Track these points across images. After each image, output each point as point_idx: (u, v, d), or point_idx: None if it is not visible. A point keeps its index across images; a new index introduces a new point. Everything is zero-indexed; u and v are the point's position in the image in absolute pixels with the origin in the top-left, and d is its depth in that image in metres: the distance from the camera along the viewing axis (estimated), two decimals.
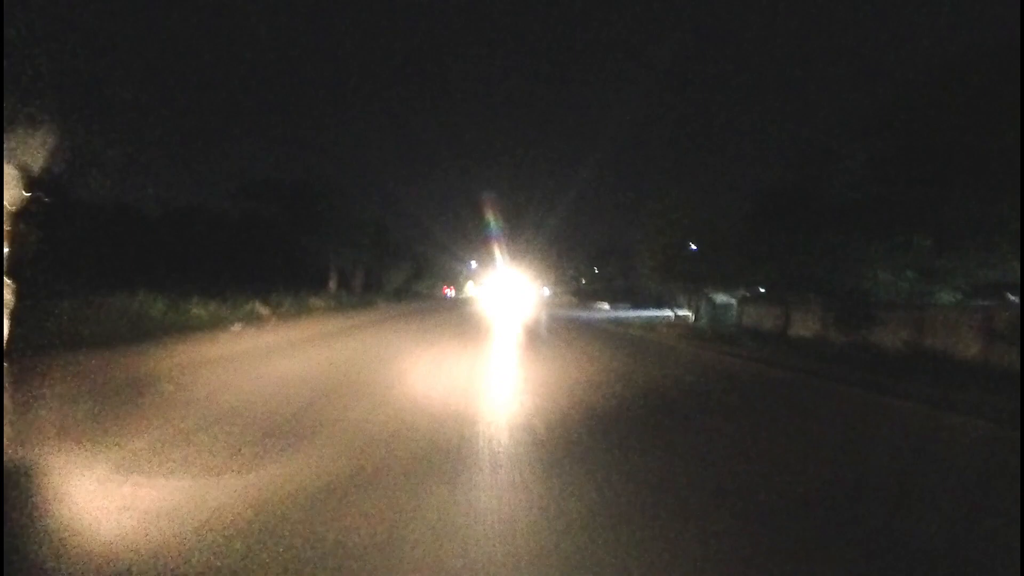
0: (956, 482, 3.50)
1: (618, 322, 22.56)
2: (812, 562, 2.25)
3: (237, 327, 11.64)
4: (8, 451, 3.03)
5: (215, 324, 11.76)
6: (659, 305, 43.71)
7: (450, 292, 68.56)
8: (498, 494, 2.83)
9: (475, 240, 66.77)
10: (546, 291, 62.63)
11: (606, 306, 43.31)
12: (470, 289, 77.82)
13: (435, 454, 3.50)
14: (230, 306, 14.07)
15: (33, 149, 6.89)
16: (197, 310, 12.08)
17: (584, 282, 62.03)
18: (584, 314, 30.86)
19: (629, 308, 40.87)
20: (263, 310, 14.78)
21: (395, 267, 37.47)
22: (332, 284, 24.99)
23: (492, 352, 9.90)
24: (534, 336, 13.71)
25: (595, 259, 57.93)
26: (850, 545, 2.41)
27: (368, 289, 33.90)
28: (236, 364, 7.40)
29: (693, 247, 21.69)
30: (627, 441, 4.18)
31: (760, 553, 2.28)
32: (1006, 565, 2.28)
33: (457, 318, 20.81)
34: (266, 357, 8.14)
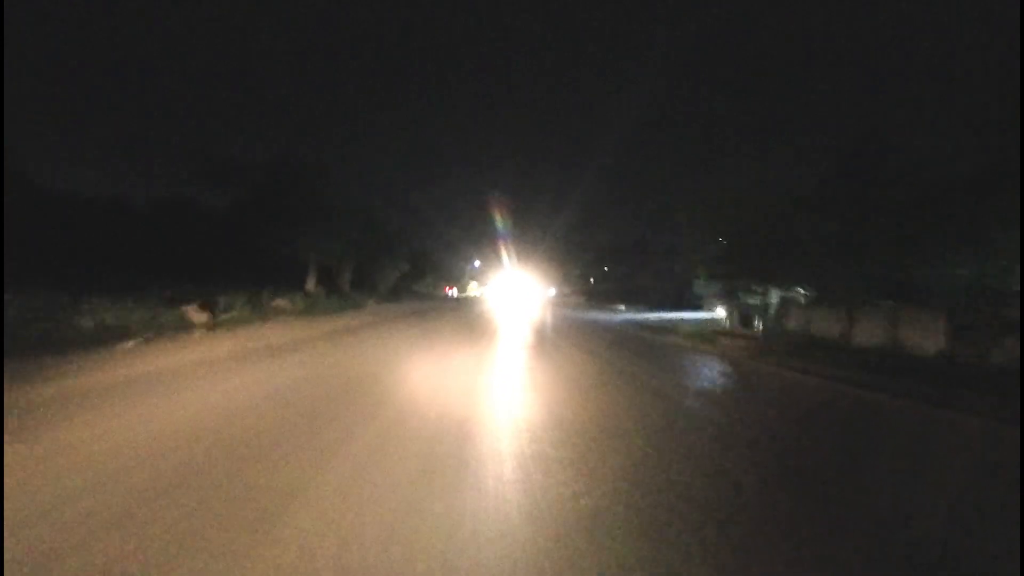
0: None
1: (648, 327, 18.94)
2: None
3: (130, 344, 8.16)
4: None
5: (102, 338, 8.30)
6: (679, 306, 40.06)
7: (453, 292, 65.25)
8: None
9: (480, 238, 63.78)
10: (553, 291, 59.18)
11: (622, 307, 39.73)
12: (473, 288, 74.50)
13: None
14: (150, 310, 10.65)
15: None
16: (83, 319, 8.63)
17: (592, 281, 58.87)
18: (603, 317, 27.23)
19: (647, 310, 37.24)
20: (197, 316, 11.35)
21: (391, 264, 33.92)
22: (310, 282, 21.48)
23: (502, 380, 6.43)
24: (558, 351, 10.16)
25: (605, 258, 54.58)
26: None
27: (359, 287, 30.49)
28: (57, 414, 3.97)
29: (725, 239, 18.22)
30: None
31: None
32: None
33: (457, 322, 17.30)
34: (121, 398, 4.67)
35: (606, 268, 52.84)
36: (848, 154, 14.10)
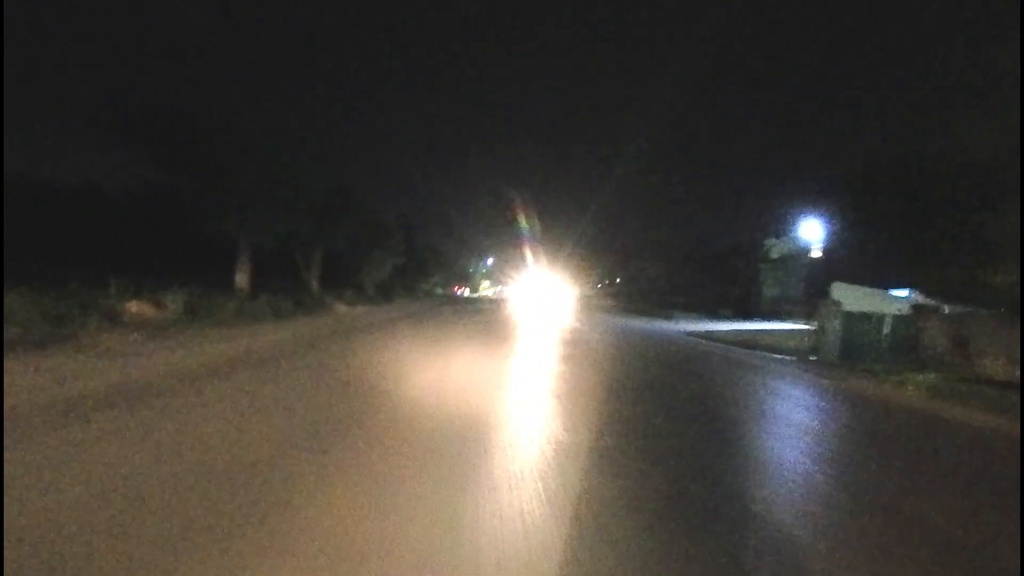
0: None
1: (756, 346, 11.57)
2: None
3: None
4: None
5: None
6: (745, 314, 32.50)
7: (463, 291, 58.72)
8: None
9: (497, 234, 57.42)
10: (577, 292, 52.10)
11: (675, 313, 32.33)
12: (487, 287, 67.92)
13: None
14: None
15: None
16: None
17: (618, 281, 52.05)
18: (664, 328, 19.90)
19: (704, 318, 29.78)
20: None
21: (380, 258, 27.12)
22: (242, 276, 14.65)
23: None
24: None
25: (643, 256, 47.67)
26: None
27: (341, 284, 23.86)
28: None
29: None
30: None
31: None
32: None
33: (453, 342, 10.34)
34: None
35: (645, 267, 45.68)
36: None
